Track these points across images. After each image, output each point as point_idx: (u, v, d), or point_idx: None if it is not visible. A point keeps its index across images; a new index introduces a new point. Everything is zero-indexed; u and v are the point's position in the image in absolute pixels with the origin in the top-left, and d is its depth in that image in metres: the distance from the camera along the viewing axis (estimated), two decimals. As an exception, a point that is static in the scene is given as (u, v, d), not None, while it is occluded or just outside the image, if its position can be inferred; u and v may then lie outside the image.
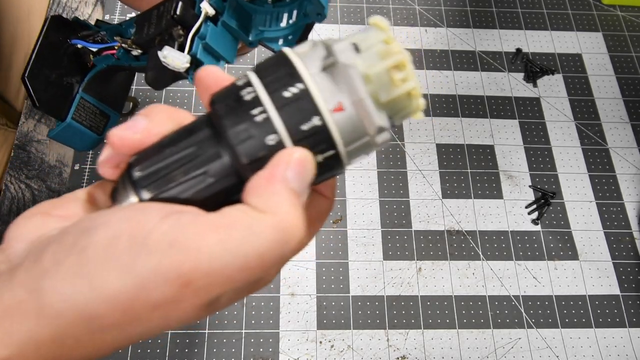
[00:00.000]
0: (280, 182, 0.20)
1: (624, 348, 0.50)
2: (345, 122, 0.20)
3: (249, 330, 0.48)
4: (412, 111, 0.21)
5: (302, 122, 0.20)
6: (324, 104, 0.20)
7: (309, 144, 0.20)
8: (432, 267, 0.52)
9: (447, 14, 0.66)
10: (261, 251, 0.19)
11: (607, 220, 0.55)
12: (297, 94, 0.20)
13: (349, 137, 0.20)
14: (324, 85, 0.20)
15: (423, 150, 0.58)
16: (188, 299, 0.19)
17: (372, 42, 0.21)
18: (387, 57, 0.20)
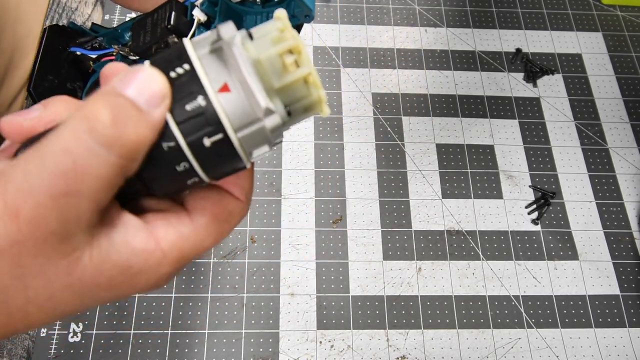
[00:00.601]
0: (105, 88, 0.19)
1: (624, 348, 0.50)
2: (232, 103, 0.19)
3: (249, 330, 0.48)
4: (313, 102, 0.21)
5: (186, 102, 0.19)
6: (208, 82, 0.19)
7: (195, 124, 0.19)
8: (432, 267, 0.52)
9: (447, 14, 0.66)
10: (66, 145, 0.17)
11: (607, 220, 0.55)
12: (182, 74, 0.19)
13: (238, 121, 0.20)
14: (211, 66, 0.20)
15: (423, 150, 0.58)
16: (27, 235, 0.18)
17: (267, 30, 0.21)
18: (279, 42, 0.20)
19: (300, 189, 0.55)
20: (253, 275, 0.51)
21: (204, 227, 0.22)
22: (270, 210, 0.54)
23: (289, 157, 0.56)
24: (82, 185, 0.18)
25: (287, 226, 0.53)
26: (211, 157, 0.20)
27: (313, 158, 0.56)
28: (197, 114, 0.19)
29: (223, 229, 0.23)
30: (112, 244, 0.20)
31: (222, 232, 0.23)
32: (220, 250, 0.51)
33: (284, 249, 0.52)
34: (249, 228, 0.53)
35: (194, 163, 0.20)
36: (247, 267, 0.51)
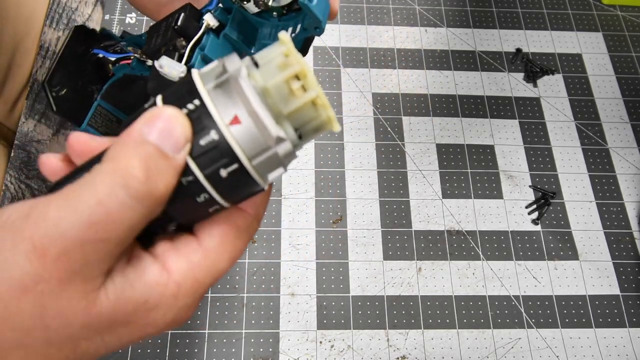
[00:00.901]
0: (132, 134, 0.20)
1: (624, 348, 0.50)
2: (244, 134, 0.20)
3: (249, 330, 0.48)
4: (323, 122, 0.22)
5: (200, 137, 0.20)
6: (219, 117, 0.20)
7: (210, 158, 0.20)
8: (432, 267, 0.52)
9: (447, 14, 0.66)
10: (100, 197, 0.18)
11: (607, 220, 0.55)
12: (193, 109, 0.20)
13: (251, 150, 0.20)
14: (220, 100, 0.20)
15: (423, 150, 0.58)
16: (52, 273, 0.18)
17: (271, 56, 0.21)
18: (285, 68, 0.21)
19: (300, 189, 0.55)
20: (253, 275, 0.51)
21: (215, 250, 0.22)
22: (270, 210, 0.54)
23: (289, 157, 0.56)
24: (111, 233, 0.19)
25: (287, 226, 0.53)
26: (229, 186, 0.21)
27: (313, 158, 0.57)
28: (211, 147, 0.20)
29: (235, 247, 0.23)
30: (127, 279, 0.20)
31: (235, 250, 0.23)
32: (220, 250, 0.52)
33: (284, 249, 0.52)
34: (249, 228, 0.53)
35: (213, 193, 0.21)
36: (247, 267, 0.51)
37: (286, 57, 0.21)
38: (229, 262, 0.23)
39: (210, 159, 0.20)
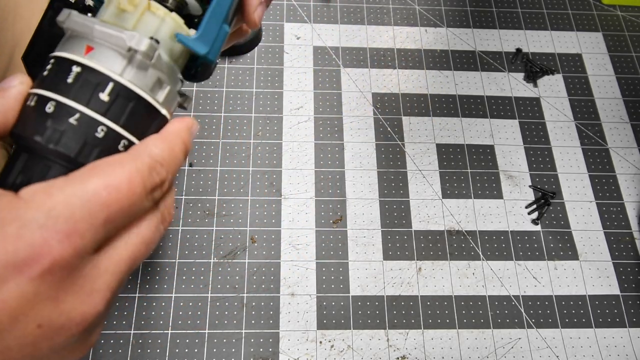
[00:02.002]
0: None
1: (624, 348, 0.50)
2: (101, 55, 0.21)
3: (249, 330, 0.48)
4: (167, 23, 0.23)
5: (65, 78, 0.21)
6: (73, 55, 0.21)
7: (85, 90, 0.21)
8: (432, 267, 0.52)
9: (447, 14, 0.66)
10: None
11: (607, 220, 0.55)
12: (52, 67, 0.21)
13: (115, 64, 0.21)
14: (69, 44, 0.22)
15: (423, 150, 0.58)
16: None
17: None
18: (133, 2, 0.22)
19: (300, 189, 0.55)
20: (253, 275, 0.51)
21: (80, 175, 0.20)
22: (270, 210, 0.54)
23: (289, 157, 0.56)
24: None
25: (287, 226, 0.53)
26: (131, 117, 0.22)
27: (313, 158, 0.56)
28: (83, 81, 0.21)
29: (111, 174, 0.20)
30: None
31: (113, 178, 0.20)
32: (220, 251, 0.51)
33: (284, 249, 0.52)
34: (249, 228, 0.53)
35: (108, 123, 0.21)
36: (247, 267, 0.51)
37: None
38: (102, 185, 0.19)
39: (86, 91, 0.21)
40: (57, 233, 0.18)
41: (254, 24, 0.27)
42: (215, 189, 0.54)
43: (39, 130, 0.20)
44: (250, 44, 0.61)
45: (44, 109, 0.20)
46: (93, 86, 0.21)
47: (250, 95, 0.59)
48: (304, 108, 0.59)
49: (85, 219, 0.19)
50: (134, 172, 0.20)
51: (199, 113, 0.58)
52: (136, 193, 0.20)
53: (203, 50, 0.24)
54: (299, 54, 0.62)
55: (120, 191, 0.20)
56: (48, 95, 0.21)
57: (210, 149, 0.56)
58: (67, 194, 0.19)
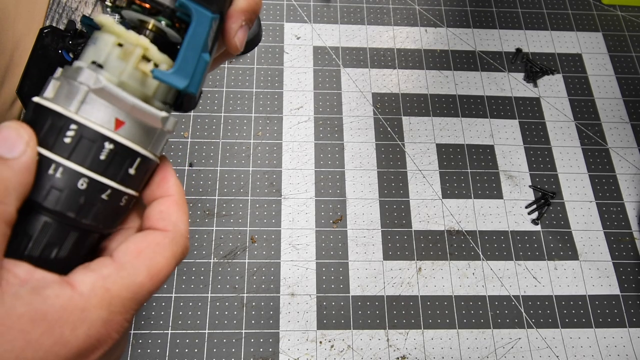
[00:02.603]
0: None
1: (624, 348, 0.50)
2: (134, 131, 0.21)
3: (249, 330, 0.48)
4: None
5: (98, 154, 0.21)
6: (103, 129, 0.21)
7: (116, 165, 0.21)
8: (432, 267, 0.52)
9: (447, 14, 0.66)
10: None
11: (607, 220, 0.55)
12: (75, 134, 0.21)
13: (145, 140, 0.22)
14: (93, 114, 0.21)
15: (423, 150, 0.58)
16: None
17: (107, 50, 0.22)
18: (127, 56, 0.22)
19: (300, 189, 0.55)
20: (253, 275, 0.51)
21: (130, 264, 0.22)
22: (270, 210, 0.54)
23: (289, 157, 0.56)
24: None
25: (287, 226, 0.53)
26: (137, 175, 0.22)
27: (313, 158, 0.56)
28: (113, 157, 0.21)
29: (154, 262, 0.23)
30: (18, 297, 0.19)
31: (154, 265, 0.22)
32: (220, 251, 0.51)
33: (284, 249, 0.52)
34: (249, 228, 0.53)
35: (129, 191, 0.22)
36: (247, 267, 0.51)
37: (120, 45, 0.22)
38: (148, 276, 0.22)
39: (118, 165, 0.21)
40: (115, 324, 0.21)
41: (235, 49, 0.26)
42: (215, 189, 0.54)
43: (73, 207, 0.21)
44: (250, 44, 0.61)
45: (77, 185, 0.21)
46: (124, 163, 0.21)
47: (250, 95, 0.59)
48: (304, 108, 0.59)
49: (134, 307, 0.22)
50: (171, 258, 0.23)
51: (199, 113, 0.58)
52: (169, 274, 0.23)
53: (182, 84, 0.23)
54: (299, 54, 0.62)
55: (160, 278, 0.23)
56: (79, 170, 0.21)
57: (210, 149, 0.56)
58: (121, 287, 0.21)
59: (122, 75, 0.22)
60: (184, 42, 0.23)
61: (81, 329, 0.20)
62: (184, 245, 0.24)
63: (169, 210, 0.24)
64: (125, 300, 0.21)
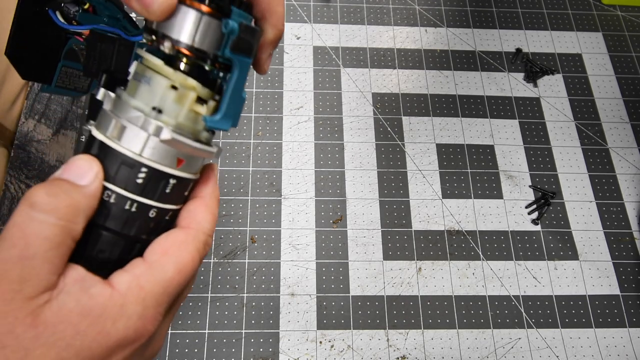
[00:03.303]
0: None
1: (624, 348, 0.50)
2: (191, 164, 0.25)
3: (249, 330, 0.48)
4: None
5: (164, 189, 0.25)
6: (170, 169, 0.24)
7: (177, 193, 0.25)
8: (432, 267, 0.52)
9: (447, 14, 0.66)
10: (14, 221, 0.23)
11: (607, 220, 0.55)
12: (146, 176, 0.24)
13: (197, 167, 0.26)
14: (160, 156, 0.24)
15: (423, 150, 0.58)
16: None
17: (163, 93, 0.25)
18: (182, 100, 0.25)
19: (300, 189, 0.55)
20: (253, 275, 0.51)
21: (158, 262, 0.25)
22: (270, 210, 0.54)
23: (289, 157, 0.56)
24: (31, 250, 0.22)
25: (287, 226, 0.53)
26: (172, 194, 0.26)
27: (313, 158, 0.56)
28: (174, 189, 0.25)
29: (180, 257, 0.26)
30: (70, 294, 0.23)
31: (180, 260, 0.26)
32: (220, 251, 0.51)
33: (284, 249, 0.52)
34: (249, 228, 0.53)
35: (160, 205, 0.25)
36: (247, 267, 0.51)
37: (175, 88, 0.24)
38: (176, 271, 0.25)
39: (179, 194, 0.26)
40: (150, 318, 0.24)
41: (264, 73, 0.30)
42: (215, 189, 0.54)
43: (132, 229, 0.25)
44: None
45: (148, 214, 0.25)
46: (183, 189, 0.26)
47: (250, 95, 0.59)
48: (304, 108, 0.59)
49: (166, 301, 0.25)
50: (195, 252, 0.26)
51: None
52: (195, 268, 0.26)
53: (228, 126, 0.27)
54: (299, 54, 0.62)
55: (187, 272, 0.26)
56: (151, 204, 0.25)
57: (210, 149, 0.56)
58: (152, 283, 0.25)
59: (179, 117, 0.25)
60: (228, 89, 0.26)
61: (120, 322, 0.23)
62: (204, 242, 0.27)
63: (196, 210, 0.27)
64: (157, 295, 0.24)
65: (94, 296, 0.23)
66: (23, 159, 0.54)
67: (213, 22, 0.25)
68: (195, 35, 0.25)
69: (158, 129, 0.24)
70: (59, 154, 0.54)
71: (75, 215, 0.24)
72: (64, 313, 0.23)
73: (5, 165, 0.54)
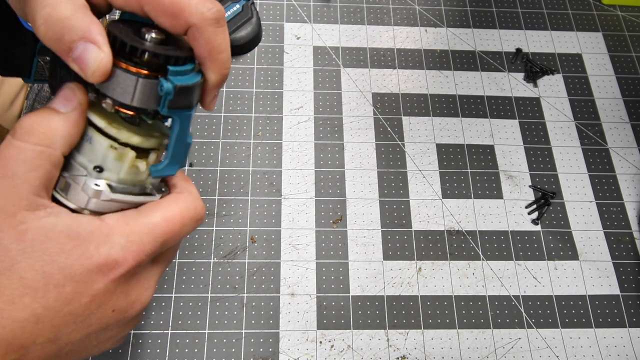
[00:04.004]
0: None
1: (624, 348, 0.50)
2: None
3: (249, 330, 0.48)
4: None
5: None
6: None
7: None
8: (432, 267, 0.52)
9: (447, 14, 0.66)
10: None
11: (607, 220, 0.55)
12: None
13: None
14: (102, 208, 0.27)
15: (423, 150, 0.58)
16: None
17: (103, 152, 0.27)
18: (122, 158, 0.27)
19: (300, 189, 0.55)
20: (253, 275, 0.51)
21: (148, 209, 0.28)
22: (270, 210, 0.54)
23: (289, 157, 0.56)
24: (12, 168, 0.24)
25: (287, 226, 0.53)
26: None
27: (313, 158, 0.56)
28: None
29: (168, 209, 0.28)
30: (60, 219, 0.25)
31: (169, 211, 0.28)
32: (220, 251, 0.51)
33: (284, 249, 0.52)
34: (249, 228, 0.53)
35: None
36: (247, 267, 0.51)
37: (115, 148, 0.26)
38: (162, 218, 0.27)
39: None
40: (132, 252, 0.26)
41: (211, 109, 0.32)
42: (215, 189, 0.54)
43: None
44: (250, 44, 0.61)
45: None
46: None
47: (250, 95, 0.59)
48: (304, 108, 0.59)
49: (150, 242, 0.27)
50: (184, 209, 0.28)
51: (199, 113, 0.58)
52: (184, 222, 0.28)
53: (174, 171, 0.29)
54: (299, 54, 0.62)
55: (175, 222, 0.28)
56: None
57: (210, 149, 0.56)
58: (138, 224, 0.26)
59: (120, 173, 0.27)
60: (171, 140, 0.28)
61: (103, 247, 0.25)
62: (195, 202, 0.29)
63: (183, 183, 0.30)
64: (142, 235, 0.26)
65: (83, 223, 0.25)
66: (23, 159, 0.54)
67: (149, 82, 0.26)
68: (133, 95, 0.26)
69: (97, 192, 0.26)
70: (59, 154, 0.54)
71: (52, 141, 0.25)
72: (53, 233, 0.24)
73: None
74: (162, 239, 0.27)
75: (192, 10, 0.26)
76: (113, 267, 0.25)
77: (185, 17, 0.26)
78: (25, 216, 0.24)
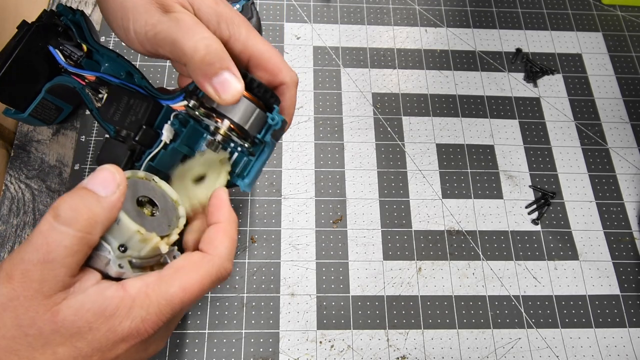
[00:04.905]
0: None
1: (624, 348, 0.50)
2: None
3: (249, 330, 0.48)
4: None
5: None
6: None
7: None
8: (432, 267, 0.52)
9: (447, 14, 0.66)
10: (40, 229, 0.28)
11: (607, 220, 0.55)
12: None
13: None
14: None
15: (423, 150, 0.58)
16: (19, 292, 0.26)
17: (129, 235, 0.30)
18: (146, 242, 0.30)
19: (300, 189, 0.55)
20: (253, 275, 0.51)
21: (168, 277, 0.29)
22: (270, 210, 0.54)
23: (289, 157, 0.56)
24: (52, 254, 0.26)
25: (287, 226, 0.53)
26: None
27: (313, 158, 0.56)
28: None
29: (187, 278, 0.29)
30: (87, 295, 0.27)
31: (188, 280, 0.29)
32: (220, 250, 0.51)
33: (284, 249, 0.52)
34: (249, 228, 0.53)
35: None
36: (247, 267, 0.51)
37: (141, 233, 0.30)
38: (180, 288, 0.29)
39: None
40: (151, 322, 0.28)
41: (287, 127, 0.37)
42: (215, 189, 0.54)
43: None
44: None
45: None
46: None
47: (250, 95, 0.59)
48: (304, 108, 0.59)
49: (168, 312, 0.29)
50: (205, 275, 0.30)
51: (199, 113, 0.58)
52: (203, 289, 0.30)
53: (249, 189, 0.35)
54: (299, 54, 0.62)
55: (192, 291, 0.29)
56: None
57: (210, 149, 0.56)
58: (158, 295, 0.28)
59: (142, 252, 0.30)
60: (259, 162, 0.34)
61: (126, 322, 0.27)
62: (220, 266, 0.31)
63: (214, 236, 0.31)
64: (160, 306, 0.28)
65: (108, 298, 0.27)
66: (23, 159, 0.54)
67: (262, 114, 0.33)
68: (249, 121, 0.33)
69: (119, 273, 0.29)
70: (59, 154, 0.54)
71: (93, 227, 0.27)
72: (82, 312, 0.26)
73: (5, 165, 0.54)
74: (180, 306, 0.29)
75: (285, 72, 0.35)
76: (134, 337, 0.28)
77: (281, 77, 0.35)
78: (59, 296, 0.26)
